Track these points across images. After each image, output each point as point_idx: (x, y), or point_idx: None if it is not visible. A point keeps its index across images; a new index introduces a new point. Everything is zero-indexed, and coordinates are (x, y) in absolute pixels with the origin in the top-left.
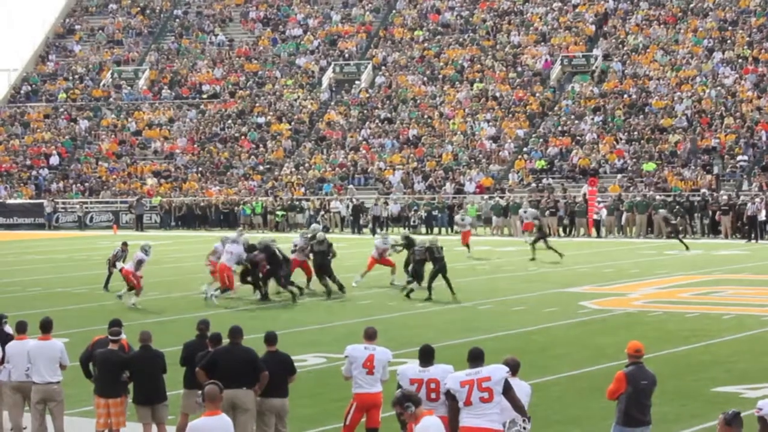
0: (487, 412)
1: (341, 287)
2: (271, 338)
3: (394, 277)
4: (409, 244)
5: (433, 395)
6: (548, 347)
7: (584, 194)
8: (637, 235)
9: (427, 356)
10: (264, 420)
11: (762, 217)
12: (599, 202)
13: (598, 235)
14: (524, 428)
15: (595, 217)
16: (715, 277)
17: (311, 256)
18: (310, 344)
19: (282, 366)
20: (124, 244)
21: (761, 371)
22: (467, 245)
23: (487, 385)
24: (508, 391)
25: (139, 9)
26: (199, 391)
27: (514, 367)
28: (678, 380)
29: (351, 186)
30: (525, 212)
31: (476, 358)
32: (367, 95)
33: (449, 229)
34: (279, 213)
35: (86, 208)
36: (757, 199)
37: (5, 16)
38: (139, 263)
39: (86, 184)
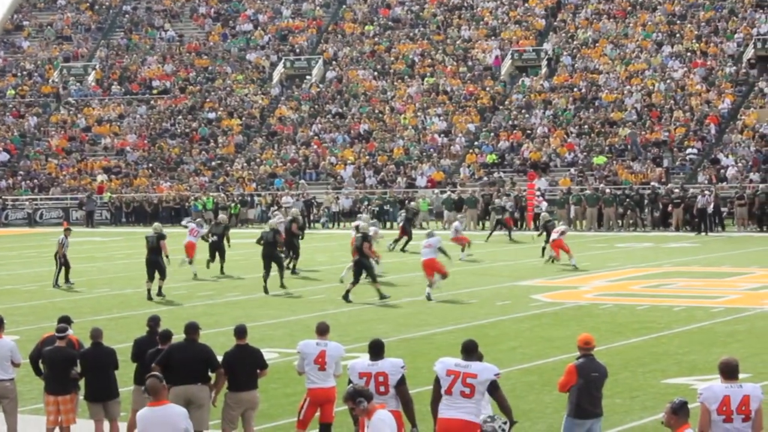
0: (464, 405)
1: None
2: (240, 331)
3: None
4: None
5: (381, 389)
6: (500, 340)
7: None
8: (587, 228)
9: (376, 350)
10: (230, 414)
11: (711, 209)
12: (540, 196)
13: (537, 228)
14: (502, 430)
15: (535, 210)
16: (665, 269)
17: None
18: (263, 339)
19: (251, 359)
20: (67, 230)
21: (711, 363)
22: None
23: (471, 382)
24: (495, 390)
25: (88, 5)
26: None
27: (468, 349)
28: (629, 372)
29: (302, 181)
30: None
31: (469, 350)
32: (318, 90)
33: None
34: (234, 205)
35: (36, 204)
36: (707, 192)
37: None
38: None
39: (36, 181)
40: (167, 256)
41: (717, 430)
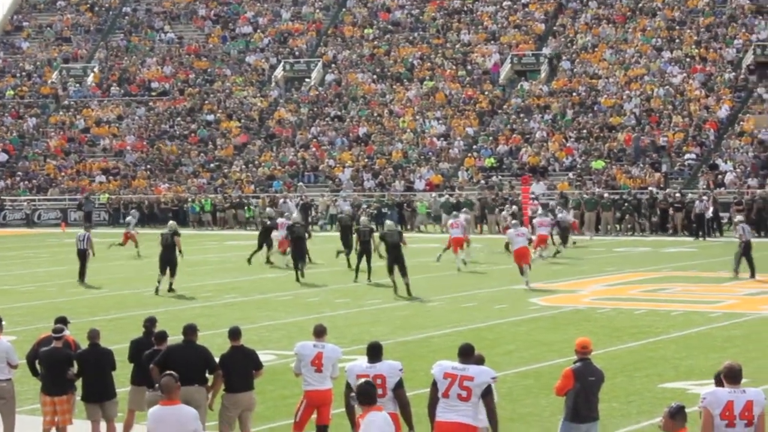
0: (461, 408)
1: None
2: (235, 333)
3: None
4: None
5: (379, 391)
6: (497, 344)
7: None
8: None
9: (374, 352)
10: (227, 415)
11: (709, 214)
12: (534, 199)
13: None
14: None
15: (529, 214)
16: (663, 274)
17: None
18: (260, 341)
19: (246, 360)
20: (87, 226)
21: (708, 368)
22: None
23: (467, 384)
24: (487, 395)
25: (87, 6)
26: (148, 388)
27: (465, 352)
28: (625, 376)
29: (301, 183)
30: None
31: (465, 353)
32: (317, 93)
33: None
34: (250, 208)
35: (34, 205)
36: (705, 197)
37: None
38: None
39: (34, 182)
40: (180, 251)
41: None
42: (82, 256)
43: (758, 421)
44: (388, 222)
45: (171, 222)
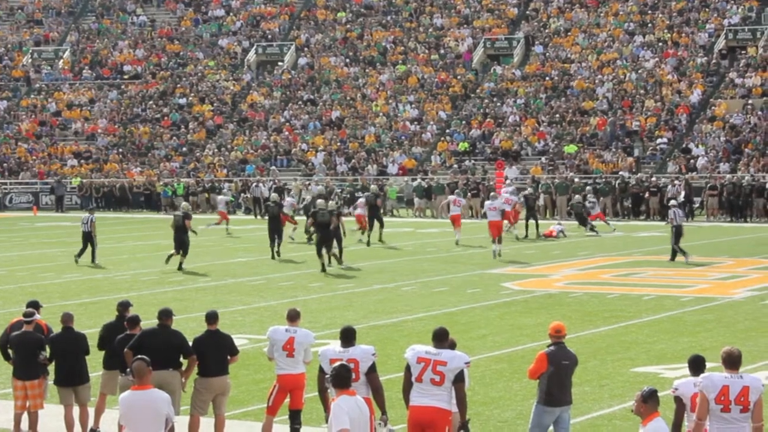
0: (435, 392)
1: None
2: (211, 317)
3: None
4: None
5: (352, 375)
6: (470, 328)
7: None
8: (561, 217)
9: (348, 337)
10: (200, 399)
11: (681, 199)
12: (509, 184)
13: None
14: None
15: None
16: (635, 258)
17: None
18: (233, 325)
19: (221, 345)
20: (91, 209)
21: (679, 352)
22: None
23: (441, 369)
24: (459, 381)
25: None
26: (121, 372)
27: (439, 336)
28: (598, 360)
29: (274, 167)
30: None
31: (440, 338)
32: (290, 76)
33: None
34: (231, 197)
35: (5, 189)
36: (677, 182)
37: None
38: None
39: (5, 165)
40: (194, 231)
41: (714, 419)
42: (87, 238)
43: (755, 407)
44: (319, 201)
45: (184, 203)
